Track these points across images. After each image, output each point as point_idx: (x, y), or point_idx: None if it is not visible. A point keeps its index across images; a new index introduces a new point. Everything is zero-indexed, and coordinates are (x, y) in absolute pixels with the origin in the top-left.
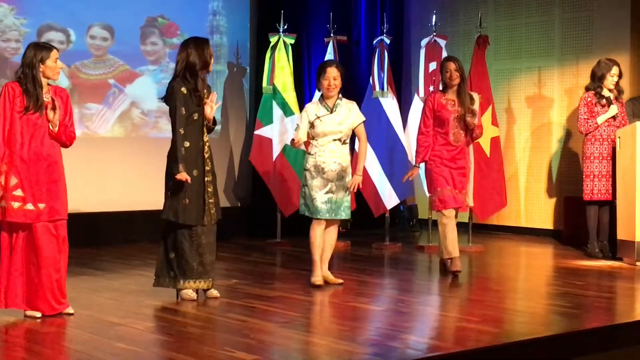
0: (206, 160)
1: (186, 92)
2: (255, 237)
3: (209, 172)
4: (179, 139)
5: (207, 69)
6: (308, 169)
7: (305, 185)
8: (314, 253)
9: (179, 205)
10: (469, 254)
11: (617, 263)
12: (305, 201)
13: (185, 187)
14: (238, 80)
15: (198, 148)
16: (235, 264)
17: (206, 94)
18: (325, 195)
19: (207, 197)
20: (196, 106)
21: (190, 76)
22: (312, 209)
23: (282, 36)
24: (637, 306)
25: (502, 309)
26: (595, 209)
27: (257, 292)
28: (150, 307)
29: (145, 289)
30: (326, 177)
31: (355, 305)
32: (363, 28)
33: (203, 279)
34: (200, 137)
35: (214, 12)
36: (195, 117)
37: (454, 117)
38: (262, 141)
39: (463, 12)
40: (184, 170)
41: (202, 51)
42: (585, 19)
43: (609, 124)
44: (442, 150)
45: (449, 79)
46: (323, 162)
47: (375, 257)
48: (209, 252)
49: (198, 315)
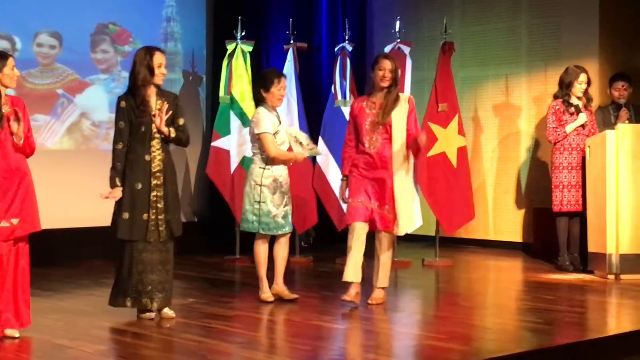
0: (155, 174)
1: (126, 105)
2: (213, 254)
3: (159, 187)
4: (116, 154)
5: (149, 81)
6: (266, 185)
7: (261, 201)
8: (260, 270)
9: (119, 219)
10: (436, 268)
11: (589, 276)
12: (260, 218)
13: (125, 200)
14: (194, 90)
15: (143, 161)
16: (191, 282)
17: (161, 104)
18: (283, 209)
19: (152, 213)
20: (141, 118)
21: (135, 87)
22: (273, 226)
23: (240, 43)
24: (610, 321)
25: (470, 325)
26: (566, 221)
27: (214, 311)
28: (101, 328)
29: (96, 309)
30: (283, 191)
31: (319, 323)
32: (324, 35)
33: (143, 298)
34: (146, 150)
35: (168, 18)
36: (142, 129)
37: (370, 122)
38: (219, 153)
39: (428, 18)
40: (116, 186)
41: (147, 61)
42: (553, 25)
43: (578, 132)
44: (359, 159)
45: (380, 78)
46: (280, 175)
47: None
48: (156, 271)
49: (152, 337)
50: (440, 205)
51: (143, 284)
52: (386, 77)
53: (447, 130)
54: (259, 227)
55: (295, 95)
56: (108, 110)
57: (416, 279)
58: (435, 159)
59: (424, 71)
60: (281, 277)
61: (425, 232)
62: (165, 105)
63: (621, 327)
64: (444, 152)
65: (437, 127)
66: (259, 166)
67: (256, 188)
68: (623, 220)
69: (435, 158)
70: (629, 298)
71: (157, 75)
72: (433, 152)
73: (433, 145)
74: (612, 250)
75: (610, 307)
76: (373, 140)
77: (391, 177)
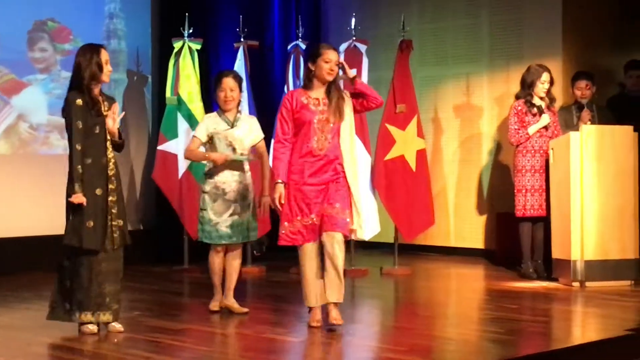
0: (110, 178)
1: (82, 104)
2: (160, 264)
3: (114, 192)
4: (76, 156)
5: (96, 79)
6: (207, 192)
7: (204, 209)
8: (215, 279)
9: (83, 228)
10: (395, 277)
11: (553, 284)
12: (204, 227)
13: (87, 208)
14: (139, 90)
15: (101, 165)
16: (137, 294)
17: (107, 105)
18: (229, 218)
19: (109, 220)
20: (96, 118)
21: (84, 86)
22: (215, 235)
23: (187, 41)
24: (575, 330)
25: (431, 336)
26: (529, 226)
27: (162, 325)
28: (41, 344)
29: (37, 324)
30: (228, 199)
31: (272, 336)
32: (277, 32)
33: (102, 310)
34: (102, 153)
35: (110, 14)
36: (96, 130)
37: (319, 120)
38: (166, 157)
39: (384, 15)
40: (79, 191)
41: (90, 60)
42: (515, 22)
43: (540, 134)
44: (303, 165)
45: (327, 72)
46: (223, 182)
47: (293, 283)
48: (111, 281)
49: (96, 353)
50: (398, 210)
51: (102, 296)
52: (333, 70)
53: (405, 133)
54: (202, 236)
55: (246, 96)
56: (47, 112)
57: (374, 288)
58: (393, 162)
59: (381, 70)
60: (231, 291)
61: (383, 239)
62: (117, 106)
63: (587, 336)
64: (403, 155)
65: (395, 129)
66: (204, 173)
67: (201, 195)
68: (588, 226)
69: (393, 161)
70: (594, 306)
71: (105, 73)
72: (391, 155)
73: (391, 148)
74: (577, 256)
75: (575, 316)
76: (322, 140)
77: (345, 178)
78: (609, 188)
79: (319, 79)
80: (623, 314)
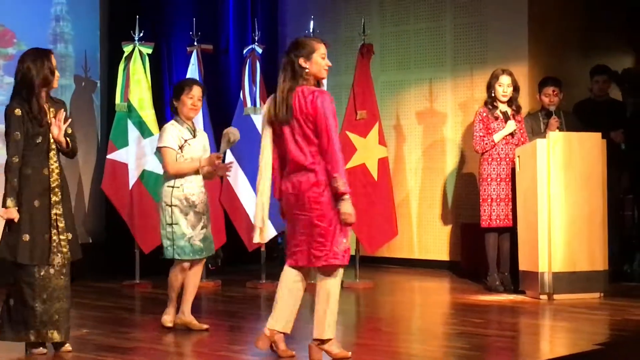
0: (54, 189)
1: (21, 114)
2: (110, 279)
3: (59, 204)
4: (11, 169)
5: (48, 86)
6: (176, 205)
7: (174, 224)
8: (172, 294)
9: (18, 242)
10: (356, 291)
11: (520, 297)
12: (177, 242)
13: (23, 221)
14: (87, 96)
15: (42, 176)
16: (85, 310)
17: (54, 111)
18: (201, 231)
19: (54, 234)
20: (38, 128)
21: (27, 95)
22: (189, 250)
23: (138, 45)
24: (543, 345)
25: (393, 353)
26: (495, 237)
27: (111, 343)
28: None
29: None
30: (198, 211)
31: (227, 354)
32: (232, 36)
33: (50, 329)
34: (44, 164)
35: (57, 17)
36: (39, 140)
37: None
38: (116, 167)
39: (344, 18)
40: (11, 205)
41: (41, 65)
42: (479, 26)
43: (506, 141)
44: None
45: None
46: (192, 194)
47: (250, 298)
48: (58, 298)
49: None
50: (359, 221)
51: (49, 314)
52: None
53: (366, 140)
54: (173, 252)
55: None
56: None
57: None
58: (354, 171)
59: (340, 75)
60: (189, 307)
61: None
62: (63, 113)
63: (555, 351)
64: (364, 164)
65: (355, 136)
66: (167, 185)
67: (167, 209)
68: (556, 236)
69: (354, 170)
70: (562, 320)
71: (56, 79)
72: (352, 163)
73: (351, 156)
74: (545, 268)
75: (543, 330)
76: None
77: None
78: (576, 197)
79: (315, 76)
80: (592, 327)
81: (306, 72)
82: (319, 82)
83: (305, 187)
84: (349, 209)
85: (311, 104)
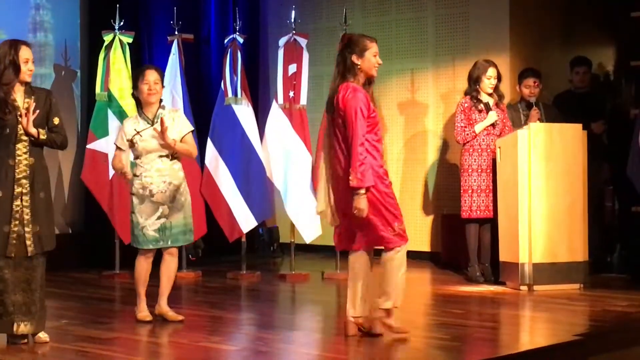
0: (20, 180)
1: None
2: (89, 269)
3: (25, 195)
4: None
5: (17, 78)
6: (134, 193)
7: (132, 212)
8: (139, 287)
9: None
10: (337, 281)
11: (500, 288)
12: (133, 230)
13: None
14: (67, 86)
15: (6, 166)
16: (64, 301)
17: (29, 103)
18: (157, 221)
19: (15, 225)
20: (5, 119)
21: None
22: (142, 239)
23: (118, 34)
24: (523, 336)
25: (373, 343)
26: (475, 228)
27: (91, 334)
28: None
29: None
30: (155, 200)
31: (207, 345)
32: (213, 25)
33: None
34: (9, 154)
35: (36, 5)
36: (6, 131)
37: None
38: (96, 156)
39: (326, 7)
40: None
41: (12, 56)
42: (461, 17)
43: (488, 132)
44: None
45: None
46: (150, 183)
47: (230, 289)
48: (14, 291)
49: None
50: None
51: (4, 305)
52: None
53: None
54: (132, 240)
55: (180, 92)
56: None
57: (315, 293)
58: None
59: (322, 65)
60: (165, 297)
61: (325, 242)
62: (32, 105)
63: (535, 342)
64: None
65: None
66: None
67: (130, 198)
68: (536, 227)
69: None
70: (543, 311)
71: (24, 72)
72: None
73: None
74: (525, 259)
75: (524, 321)
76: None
77: None
78: (557, 188)
79: (365, 73)
80: (572, 318)
81: (358, 68)
82: (369, 78)
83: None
84: (360, 204)
85: (342, 100)
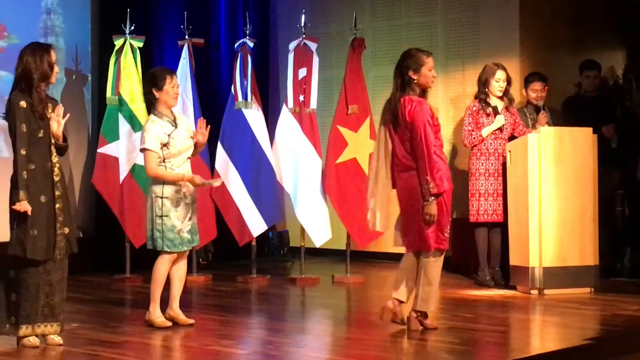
0: (56, 184)
1: (26, 106)
2: (100, 273)
3: (60, 198)
4: (21, 162)
5: (46, 80)
6: (168, 197)
7: (164, 215)
8: (156, 291)
9: (27, 237)
10: (347, 285)
11: (510, 292)
12: (166, 235)
13: (32, 216)
14: (78, 90)
15: (45, 170)
16: (76, 305)
17: (51, 107)
18: (188, 222)
19: (58, 228)
20: (40, 122)
21: (27, 88)
22: (178, 242)
23: (129, 38)
24: (533, 340)
25: (384, 347)
26: (485, 232)
27: (102, 337)
28: None
29: None
30: (188, 202)
31: (217, 349)
32: (223, 29)
33: (50, 322)
34: (47, 158)
35: (48, 10)
36: (40, 134)
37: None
38: (106, 160)
39: (336, 12)
40: (24, 198)
41: (40, 60)
42: (471, 21)
43: (496, 136)
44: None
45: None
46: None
47: (240, 292)
48: (58, 292)
49: None
50: (350, 216)
51: (50, 307)
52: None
53: (357, 135)
54: (162, 245)
55: (191, 97)
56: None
57: (325, 297)
58: (345, 165)
59: (332, 70)
60: (177, 301)
61: (335, 246)
62: (61, 109)
63: (545, 346)
64: (355, 158)
65: (347, 130)
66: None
67: (157, 201)
68: (546, 231)
69: (345, 165)
70: (553, 315)
71: (54, 75)
72: (343, 158)
73: (342, 151)
74: (535, 263)
75: (534, 325)
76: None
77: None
78: (567, 192)
79: (421, 87)
80: (582, 322)
81: (415, 82)
82: (424, 90)
83: (414, 184)
84: (432, 210)
85: (409, 113)
